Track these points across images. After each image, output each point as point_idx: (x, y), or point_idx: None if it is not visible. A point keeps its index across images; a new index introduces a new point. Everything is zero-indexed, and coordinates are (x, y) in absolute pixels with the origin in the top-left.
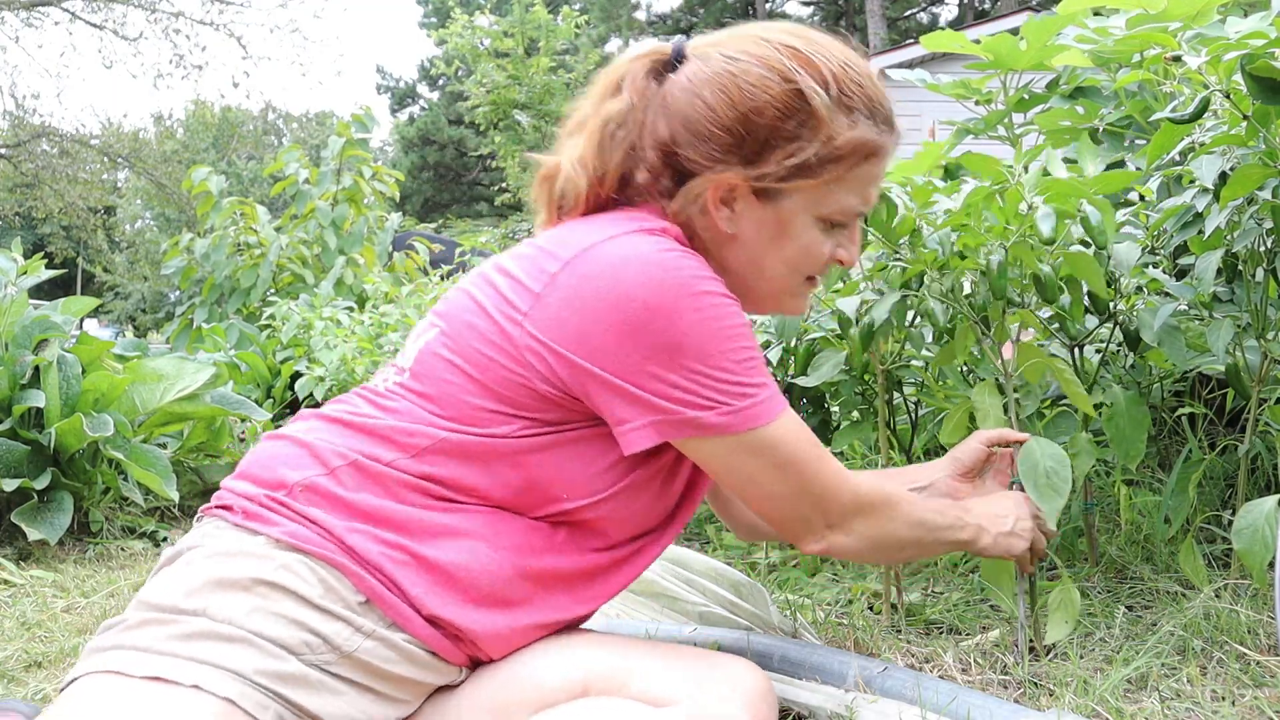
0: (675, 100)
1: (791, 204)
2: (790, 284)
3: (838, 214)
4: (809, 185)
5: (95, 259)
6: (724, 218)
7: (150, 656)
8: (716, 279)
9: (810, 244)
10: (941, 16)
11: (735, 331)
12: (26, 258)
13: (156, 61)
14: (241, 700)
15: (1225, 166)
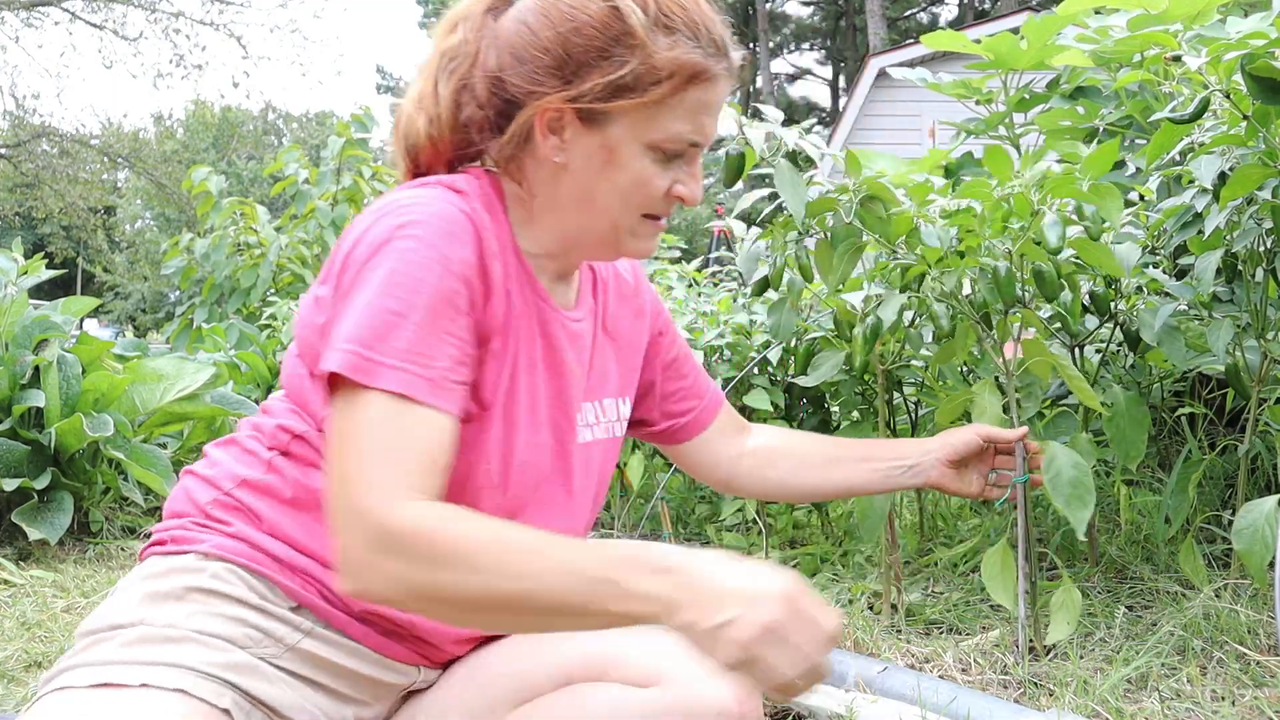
0: (504, 30)
1: (619, 130)
2: (626, 220)
3: (667, 141)
4: (631, 107)
5: (95, 259)
6: (553, 146)
7: (95, 669)
8: (451, 234)
9: (642, 174)
10: (942, 16)
11: (419, 284)
12: (26, 258)
13: (156, 61)
14: (195, 690)
15: (1225, 166)
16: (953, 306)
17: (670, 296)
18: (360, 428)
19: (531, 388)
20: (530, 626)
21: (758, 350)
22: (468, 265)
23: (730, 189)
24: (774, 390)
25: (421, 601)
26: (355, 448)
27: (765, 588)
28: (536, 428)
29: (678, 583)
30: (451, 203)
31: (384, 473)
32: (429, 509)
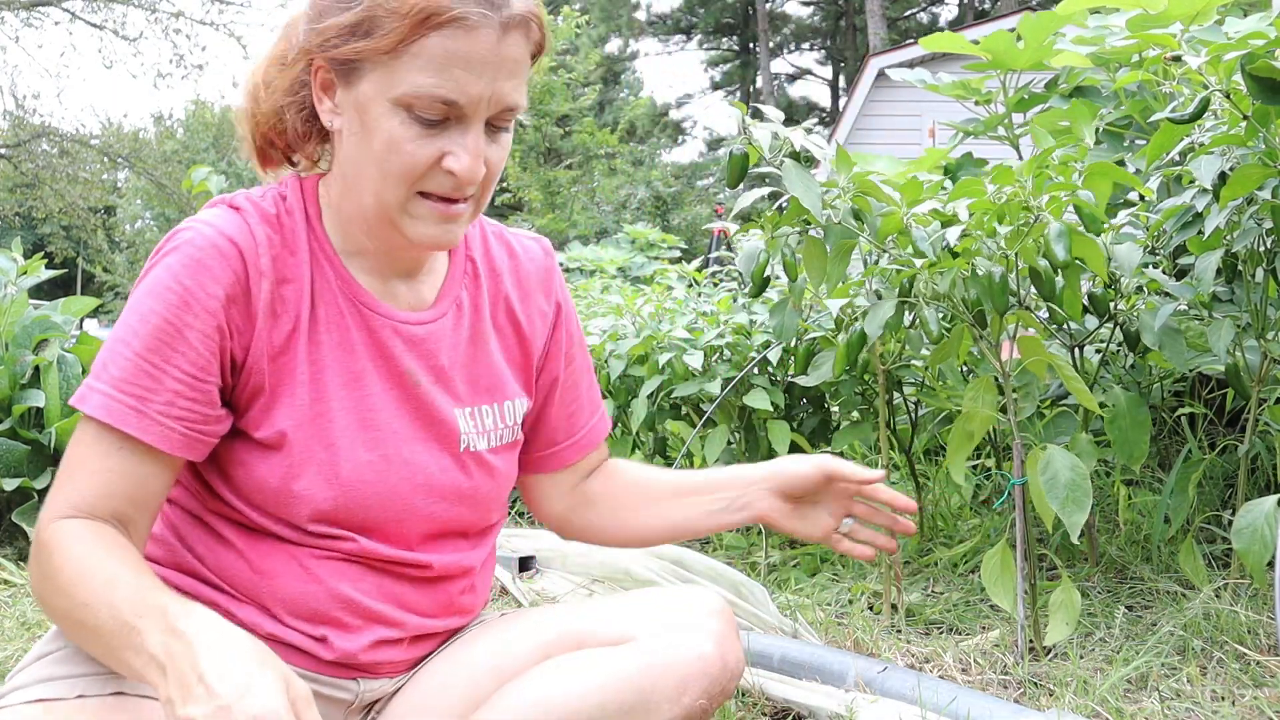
0: None
1: (368, 86)
2: (390, 194)
3: (413, 97)
4: (370, 54)
5: (95, 259)
6: (327, 110)
7: (29, 689)
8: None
9: (392, 137)
10: (941, 16)
11: (149, 314)
12: (26, 258)
13: (156, 61)
14: (131, 690)
15: (1225, 166)
16: (946, 308)
17: (670, 296)
18: (69, 445)
19: (355, 404)
20: (93, 652)
21: (758, 350)
22: (214, 296)
23: (733, 189)
24: (774, 390)
25: (45, 609)
26: (60, 465)
27: (243, 706)
28: (373, 444)
29: (176, 652)
30: (215, 227)
31: (59, 491)
32: (67, 527)
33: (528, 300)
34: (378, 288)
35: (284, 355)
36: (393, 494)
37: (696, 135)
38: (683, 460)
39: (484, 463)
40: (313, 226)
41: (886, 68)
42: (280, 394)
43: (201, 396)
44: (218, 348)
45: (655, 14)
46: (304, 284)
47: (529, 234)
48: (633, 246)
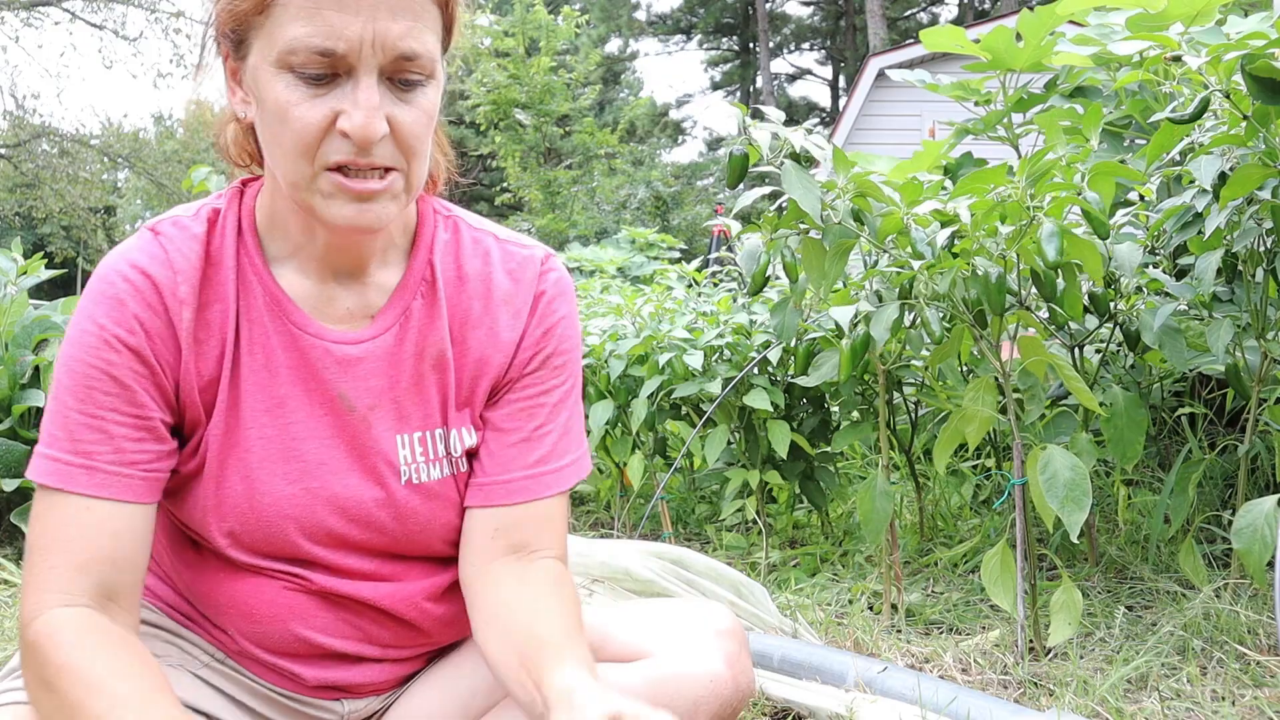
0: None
1: (254, 58)
2: (296, 172)
3: (289, 53)
4: (246, 14)
5: (95, 259)
6: (238, 102)
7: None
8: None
9: (279, 102)
10: (942, 16)
11: (73, 365)
12: (26, 258)
13: (156, 61)
14: None
15: (1225, 167)
16: (946, 308)
17: (670, 296)
18: (30, 528)
19: (277, 433)
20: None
21: (758, 350)
22: (134, 332)
23: (733, 190)
24: (774, 390)
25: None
26: (26, 548)
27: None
28: (295, 476)
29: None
30: (125, 258)
31: (33, 576)
32: (56, 625)
33: (491, 317)
34: (313, 296)
35: (212, 382)
36: (320, 528)
37: (696, 135)
38: (683, 460)
39: (433, 493)
40: (243, 239)
41: (887, 68)
42: (203, 423)
43: (149, 435)
44: (151, 383)
45: (655, 14)
46: (230, 304)
47: (524, 244)
48: (632, 246)
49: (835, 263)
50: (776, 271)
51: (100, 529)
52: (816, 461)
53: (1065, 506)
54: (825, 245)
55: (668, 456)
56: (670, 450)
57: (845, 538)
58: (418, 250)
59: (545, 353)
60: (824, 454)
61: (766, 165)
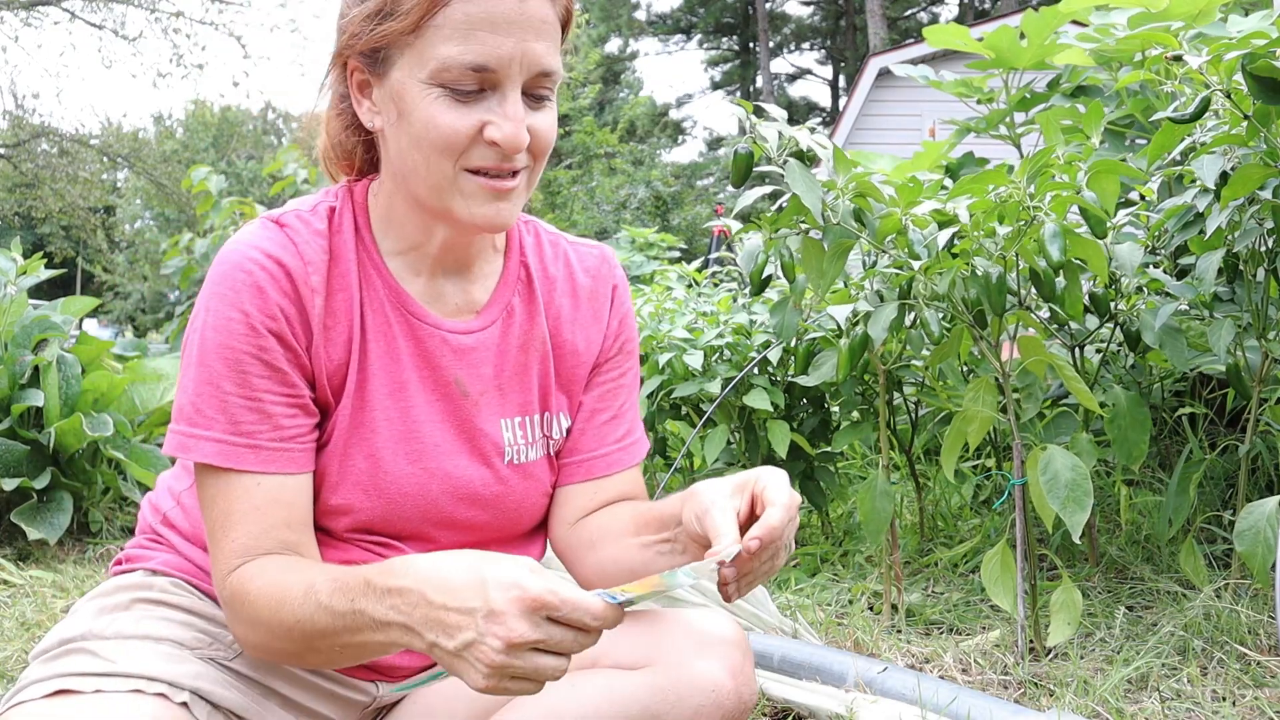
0: None
1: (400, 72)
2: (437, 175)
3: (443, 70)
4: (396, 35)
5: (95, 259)
6: (366, 111)
7: (47, 681)
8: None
9: (432, 115)
10: (942, 16)
11: (224, 351)
12: (26, 257)
13: (156, 61)
14: (149, 688)
15: (1226, 166)
16: (946, 308)
17: (670, 296)
18: (203, 504)
19: (399, 415)
20: (349, 658)
21: (758, 350)
22: (274, 317)
23: (737, 188)
24: (774, 390)
25: (270, 655)
26: (205, 525)
27: (500, 602)
28: (415, 456)
29: (409, 604)
30: (257, 246)
31: (218, 547)
32: (245, 572)
33: (581, 313)
34: (426, 291)
35: (341, 366)
36: (433, 506)
37: (696, 135)
38: (683, 460)
39: (529, 474)
40: (361, 235)
41: (891, 64)
42: (331, 405)
43: (301, 411)
44: (296, 364)
45: (655, 14)
46: (353, 294)
47: (589, 244)
48: (632, 246)
49: (834, 262)
50: (776, 271)
51: (273, 501)
52: (816, 461)
53: (1066, 506)
54: (824, 245)
55: (668, 456)
56: (670, 450)
57: (845, 538)
58: (510, 251)
59: (622, 339)
60: (824, 454)
61: (770, 164)
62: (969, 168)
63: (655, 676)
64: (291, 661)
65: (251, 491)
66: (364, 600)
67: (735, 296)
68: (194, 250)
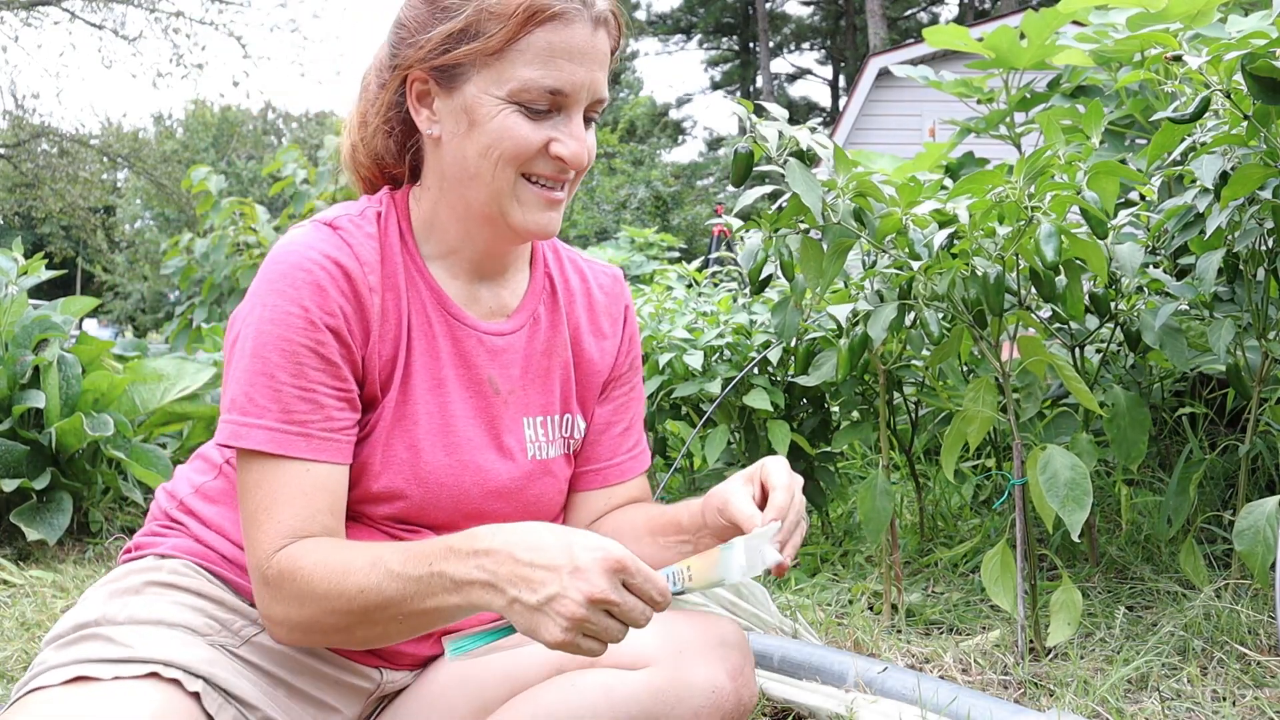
0: (389, 34)
1: (474, 87)
2: (500, 181)
3: (522, 90)
4: (476, 56)
5: (95, 259)
6: (424, 120)
7: (65, 668)
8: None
9: (505, 128)
10: (942, 16)
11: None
12: (26, 258)
13: (156, 61)
14: (165, 673)
15: (1226, 166)
16: (946, 308)
17: (670, 296)
18: (246, 490)
19: (438, 409)
20: (403, 631)
21: (758, 350)
22: (333, 314)
23: (737, 188)
24: (774, 390)
25: (311, 634)
26: (245, 511)
27: (585, 560)
28: (451, 448)
29: (495, 562)
30: (315, 248)
31: (261, 530)
32: (294, 550)
33: (597, 327)
34: (463, 293)
35: (389, 362)
36: (464, 497)
37: (696, 135)
38: (683, 460)
39: (549, 470)
40: (404, 238)
41: (891, 64)
42: (379, 397)
43: (349, 405)
44: (348, 360)
45: (655, 14)
46: (401, 293)
47: (602, 263)
48: (632, 246)
49: (833, 262)
50: (776, 271)
51: (320, 487)
52: (817, 461)
53: (1066, 506)
54: (824, 245)
55: (668, 456)
56: (670, 450)
57: (845, 538)
58: (535, 262)
59: (633, 356)
60: (824, 454)
61: (770, 163)
62: (969, 168)
63: (654, 678)
64: (332, 639)
65: (300, 477)
66: (444, 563)
67: (735, 296)
68: (194, 250)
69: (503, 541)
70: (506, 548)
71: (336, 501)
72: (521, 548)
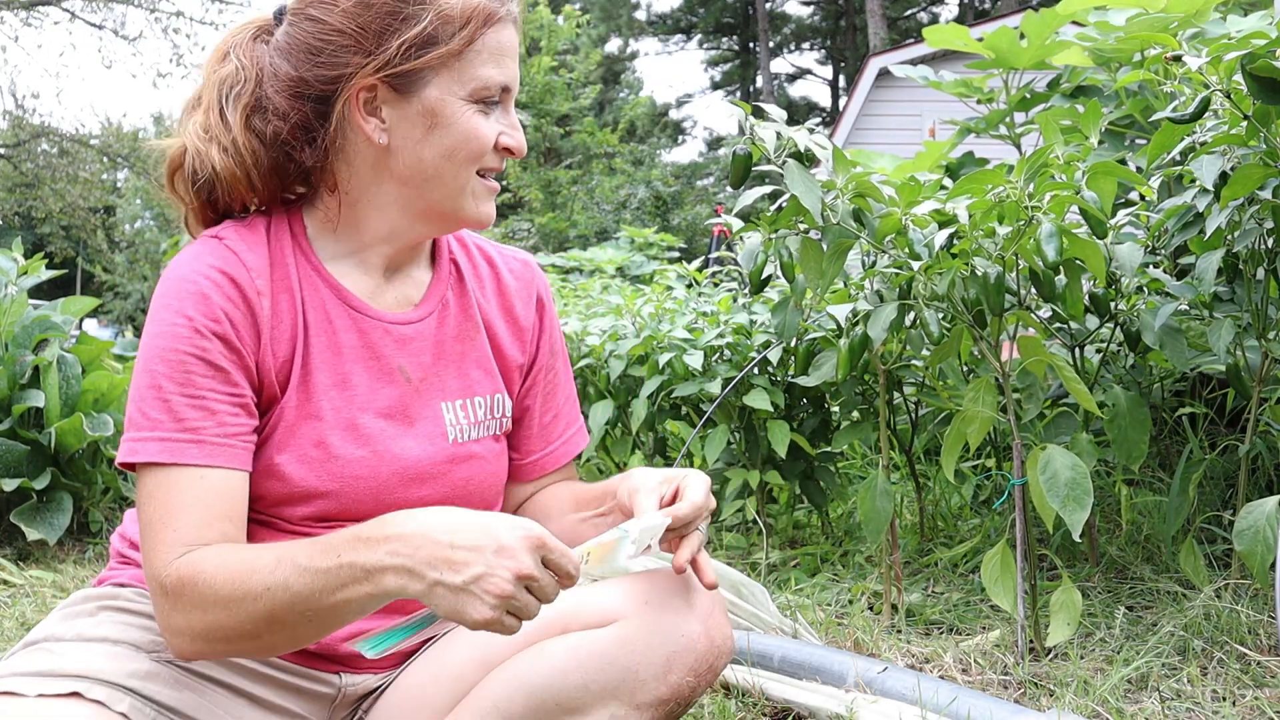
0: (288, 37)
1: (435, 90)
2: (461, 180)
3: (483, 89)
4: (440, 60)
5: (95, 259)
6: (375, 129)
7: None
8: (198, 293)
9: (469, 128)
10: (942, 16)
11: (168, 354)
12: (26, 258)
13: (156, 61)
14: (89, 693)
15: (1226, 166)
16: (946, 308)
17: (670, 296)
18: (141, 503)
19: (345, 403)
20: (311, 632)
21: (758, 350)
22: (219, 321)
23: (735, 189)
24: (774, 390)
25: (214, 643)
26: (142, 524)
27: (509, 539)
28: (362, 440)
29: (411, 546)
30: (200, 259)
31: (159, 539)
32: (194, 556)
33: (510, 312)
34: (366, 287)
35: (286, 362)
36: (383, 487)
37: (696, 135)
38: (683, 460)
39: (473, 454)
40: (298, 241)
41: (891, 65)
42: (278, 398)
43: (243, 410)
44: (239, 365)
45: (655, 14)
46: (295, 295)
47: (512, 250)
48: (632, 246)
49: (833, 263)
50: (776, 271)
51: (216, 493)
52: (817, 461)
53: (1066, 506)
54: (823, 245)
55: (668, 456)
56: (670, 450)
57: (845, 538)
58: (439, 251)
59: (552, 342)
60: (824, 454)
61: (769, 164)
62: (969, 168)
63: (622, 629)
64: (237, 646)
65: (195, 484)
66: (354, 553)
67: (735, 296)
68: None
69: (417, 526)
70: (422, 530)
71: (236, 508)
72: (439, 530)
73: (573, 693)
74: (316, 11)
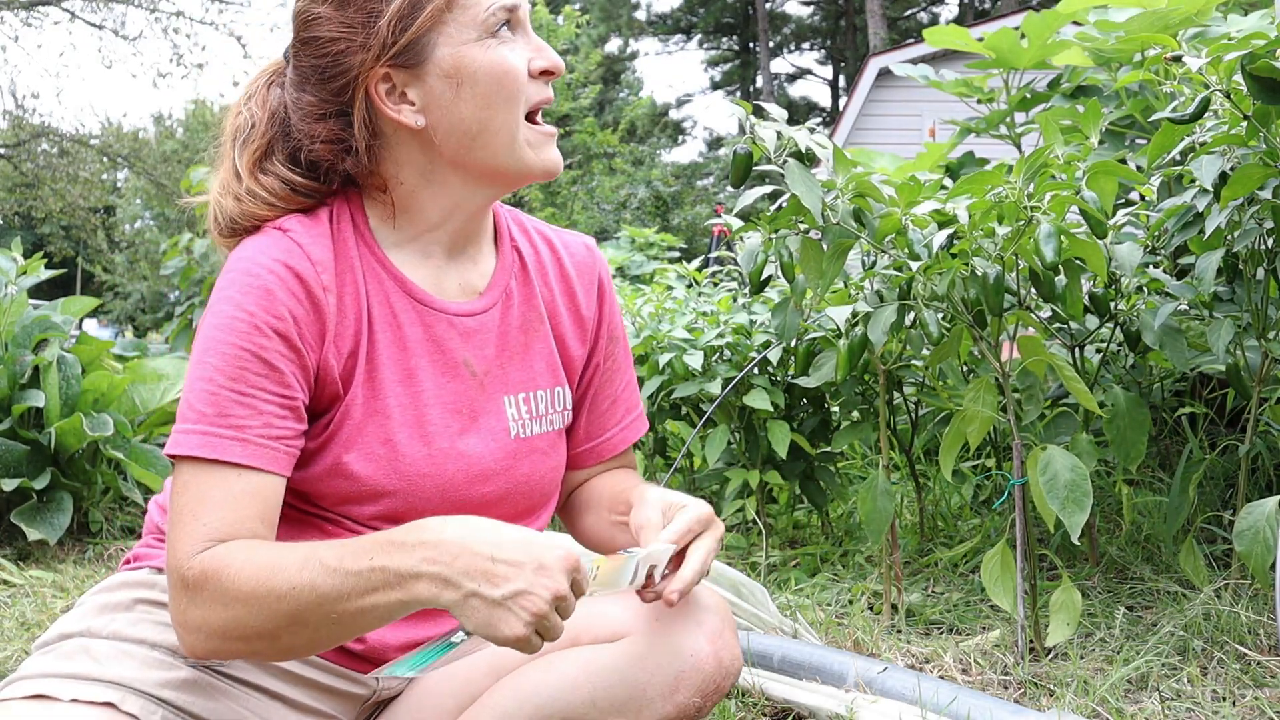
0: (295, 70)
1: (444, 48)
2: (511, 127)
3: (490, 16)
4: (431, 17)
5: (95, 259)
6: (408, 114)
7: (34, 681)
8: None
9: (494, 62)
10: (942, 16)
11: (224, 348)
12: (26, 257)
13: (156, 61)
14: (123, 704)
15: (1225, 166)
16: (946, 308)
17: (670, 296)
18: (175, 493)
19: (411, 400)
20: (331, 636)
21: (758, 350)
22: (282, 318)
23: (736, 189)
24: (774, 390)
25: (230, 641)
26: (172, 513)
27: (549, 558)
28: (428, 438)
29: (448, 554)
30: (265, 253)
31: (185, 531)
32: (219, 550)
33: (572, 297)
34: (430, 277)
35: (350, 360)
36: (450, 485)
37: (696, 135)
38: (683, 460)
39: (535, 448)
40: (359, 231)
41: (892, 64)
42: (343, 396)
43: (292, 414)
44: (297, 366)
45: (655, 14)
46: (360, 287)
47: (572, 233)
48: (632, 246)
49: (833, 263)
50: (776, 271)
51: (250, 494)
52: (817, 461)
53: (1066, 507)
54: (824, 245)
55: (668, 456)
56: (670, 450)
57: (845, 538)
58: (501, 238)
59: (613, 326)
60: (824, 454)
61: (770, 164)
62: (969, 168)
63: (633, 645)
64: (254, 646)
65: (231, 482)
66: (386, 557)
67: (735, 296)
68: (194, 250)
69: (454, 534)
70: (459, 539)
71: (268, 511)
72: (478, 541)
73: (580, 708)
74: (308, 34)
